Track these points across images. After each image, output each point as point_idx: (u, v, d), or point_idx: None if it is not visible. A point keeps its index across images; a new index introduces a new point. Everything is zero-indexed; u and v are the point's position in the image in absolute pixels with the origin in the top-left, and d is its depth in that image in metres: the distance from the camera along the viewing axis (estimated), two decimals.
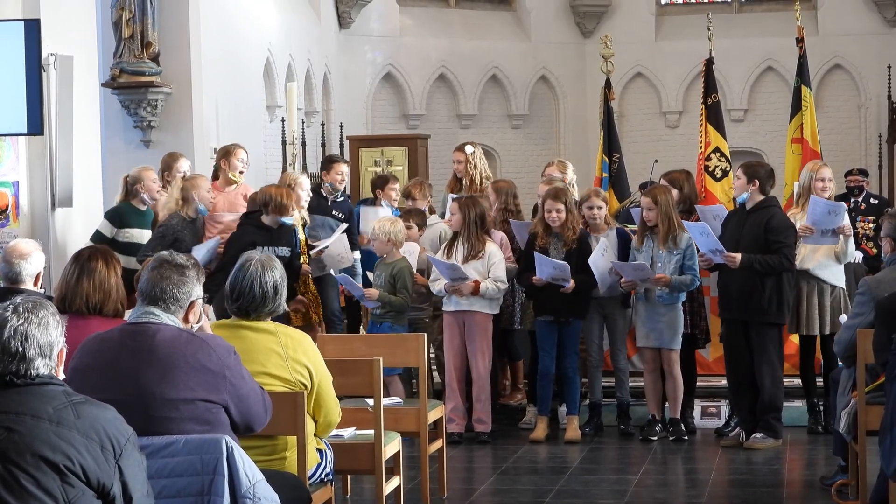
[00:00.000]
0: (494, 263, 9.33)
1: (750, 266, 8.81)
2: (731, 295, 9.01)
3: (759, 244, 8.86)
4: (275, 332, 5.34)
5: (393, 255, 9.34)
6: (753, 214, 8.97)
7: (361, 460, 6.39)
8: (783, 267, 8.86)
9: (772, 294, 8.88)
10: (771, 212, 8.98)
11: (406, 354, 7.64)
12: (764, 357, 8.93)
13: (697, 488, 7.97)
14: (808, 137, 13.11)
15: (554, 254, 9.28)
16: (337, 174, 10.70)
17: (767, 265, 8.82)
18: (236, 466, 4.30)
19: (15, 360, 3.66)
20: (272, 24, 17.16)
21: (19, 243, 6.80)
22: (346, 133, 17.89)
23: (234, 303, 5.33)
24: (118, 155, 12.36)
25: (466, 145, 11.25)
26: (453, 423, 9.37)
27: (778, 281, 8.90)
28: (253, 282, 5.29)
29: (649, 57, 21.69)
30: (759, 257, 8.81)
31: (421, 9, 21.16)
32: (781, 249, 8.83)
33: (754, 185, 8.98)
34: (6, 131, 10.41)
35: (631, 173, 14.43)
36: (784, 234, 8.89)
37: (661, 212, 9.22)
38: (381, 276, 9.32)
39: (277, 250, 9.14)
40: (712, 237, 8.90)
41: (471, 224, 9.34)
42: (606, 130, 13.48)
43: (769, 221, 8.89)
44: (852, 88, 21.24)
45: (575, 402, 9.45)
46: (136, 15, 12.45)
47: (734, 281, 8.94)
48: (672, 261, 9.21)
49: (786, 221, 9.03)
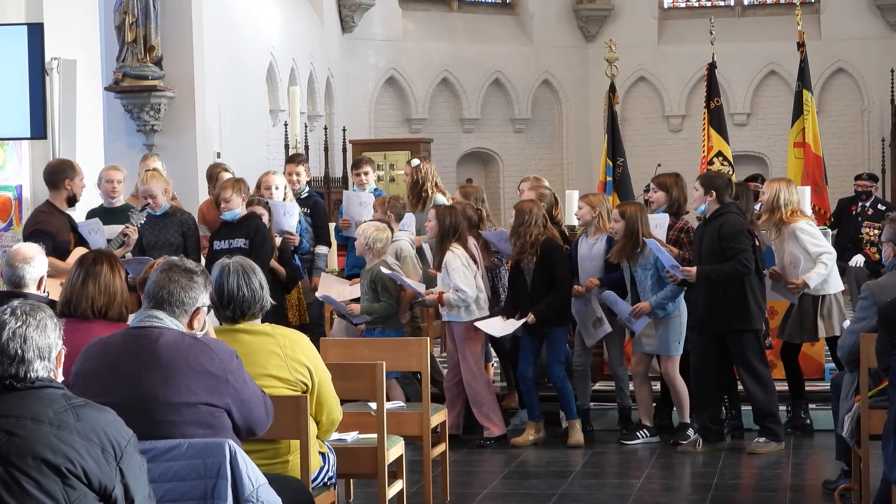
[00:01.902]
0: (452, 272, 9.29)
1: (707, 277, 8.81)
2: (699, 307, 9.02)
3: (717, 253, 8.85)
4: (272, 334, 5.34)
5: (372, 261, 9.33)
6: (710, 224, 8.97)
7: (364, 464, 6.39)
8: (738, 273, 8.81)
9: (737, 300, 8.86)
10: (723, 219, 8.92)
11: (409, 358, 7.63)
12: (745, 366, 8.92)
13: (700, 493, 7.96)
14: (810, 141, 13.13)
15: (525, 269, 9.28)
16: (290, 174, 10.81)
17: (722, 273, 8.80)
18: (239, 470, 4.30)
19: (14, 362, 3.67)
20: (275, 28, 17.18)
21: (22, 247, 6.80)
22: (348, 137, 17.91)
23: (226, 309, 5.32)
24: (121, 159, 12.36)
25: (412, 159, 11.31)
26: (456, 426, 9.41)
27: (740, 287, 8.87)
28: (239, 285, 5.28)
29: (652, 61, 21.71)
30: (714, 267, 8.80)
31: (423, 13, 21.18)
32: (736, 255, 8.80)
33: (711, 196, 8.99)
34: (9, 135, 10.43)
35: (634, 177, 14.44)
36: (736, 239, 8.83)
37: (626, 227, 9.15)
38: (363, 283, 9.34)
39: (233, 242, 9.36)
40: (664, 253, 8.92)
41: (443, 234, 9.33)
42: (610, 134, 13.48)
43: (720, 229, 8.87)
44: (855, 92, 21.26)
45: (570, 407, 9.41)
46: (139, 19, 12.47)
47: (699, 294, 8.96)
48: (647, 277, 9.18)
49: (738, 227, 8.90)
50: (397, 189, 14.74)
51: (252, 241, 9.40)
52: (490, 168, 21.78)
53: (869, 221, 13.11)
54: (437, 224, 9.35)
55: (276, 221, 9.84)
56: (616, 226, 9.23)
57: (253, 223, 9.53)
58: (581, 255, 9.55)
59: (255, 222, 9.55)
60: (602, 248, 9.46)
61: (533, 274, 9.27)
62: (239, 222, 9.52)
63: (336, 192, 16.55)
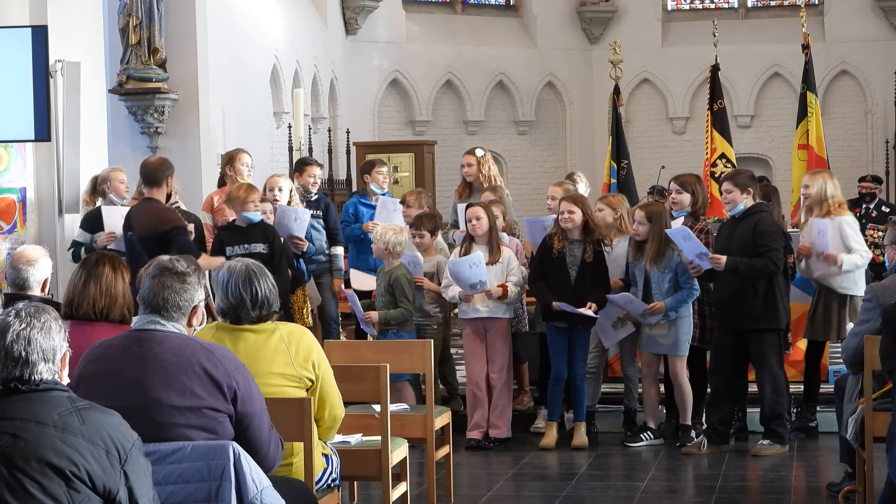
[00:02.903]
0: (513, 269, 9.35)
1: (735, 269, 8.78)
2: (724, 303, 8.99)
3: (748, 250, 8.83)
4: (275, 330, 5.34)
5: (391, 264, 9.33)
6: (742, 221, 8.94)
7: (368, 466, 6.39)
8: (768, 270, 8.82)
9: (765, 299, 8.86)
10: (758, 217, 8.94)
11: (412, 361, 7.63)
12: (764, 365, 8.91)
13: (704, 495, 7.96)
14: (814, 143, 13.11)
15: (570, 261, 9.26)
16: (309, 177, 10.77)
17: (752, 267, 8.78)
18: (243, 472, 4.30)
19: (18, 364, 3.67)
20: (279, 30, 17.19)
21: (26, 249, 6.81)
22: (352, 139, 17.93)
23: (230, 312, 5.30)
24: (125, 161, 12.36)
25: (477, 148, 11.25)
26: (477, 429, 9.40)
27: (769, 285, 8.87)
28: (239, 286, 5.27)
29: (656, 63, 21.70)
30: (744, 260, 8.78)
31: (427, 15, 21.18)
32: (768, 253, 8.81)
33: (748, 193, 8.97)
34: (13, 138, 10.43)
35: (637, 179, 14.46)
36: (771, 237, 8.85)
37: (654, 229, 9.14)
38: (380, 284, 9.34)
39: (251, 247, 9.24)
40: (695, 240, 8.86)
41: (491, 228, 9.37)
42: (615, 136, 13.50)
43: (756, 226, 8.86)
44: (859, 94, 21.24)
45: (582, 408, 9.43)
46: (143, 21, 12.48)
47: (727, 288, 8.92)
48: (665, 280, 9.17)
49: (773, 226, 8.98)
50: (401, 190, 14.75)
51: (272, 245, 9.35)
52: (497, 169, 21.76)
53: (873, 224, 13.10)
54: (487, 220, 9.36)
55: (284, 225, 9.79)
56: (641, 229, 9.20)
57: (271, 228, 9.49)
58: None
59: (272, 227, 9.53)
60: (624, 249, 9.46)
61: (581, 269, 9.21)
62: (254, 227, 9.40)
63: (339, 194, 16.57)
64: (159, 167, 9.31)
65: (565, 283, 9.23)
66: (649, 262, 9.16)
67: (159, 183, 9.21)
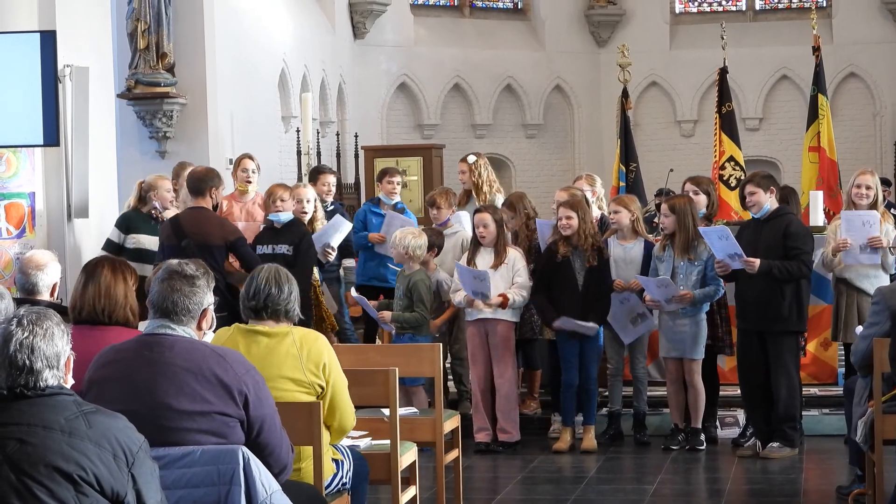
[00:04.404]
0: (518, 270, 9.34)
1: (769, 272, 8.76)
2: (748, 304, 8.97)
3: (777, 252, 8.83)
4: (288, 333, 5.36)
5: (411, 268, 9.35)
6: (770, 223, 8.93)
7: (377, 470, 6.38)
8: (801, 273, 8.85)
9: (792, 302, 8.86)
10: (788, 219, 8.96)
11: (421, 364, 7.63)
12: (780, 367, 8.90)
13: (714, 498, 7.95)
14: (826, 146, 13.10)
15: (577, 266, 9.26)
16: (323, 185, 10.73)
17: (787, 271, 8.78)
18: (253, 477, 4.30)
19: (23, 373, 3.66)
20: (287, 34, 17.20)
21: (35, 254, 6.82)
22: (360, 143, 17.92)
23: (251, 301, 5.36)
24: (134, 165, 12.40)
25: (469, 155, 11.22)
26: (483, 432, 9.41)
27: (797, 288, 8.88)
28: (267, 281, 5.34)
29: (664, 66, 21.68)
30: (779, 263, 8.78)
31: (435, 18, 21.19)
32: (800, 256, 8.82)
33: (772, 193, 8.97)
34: (22, 142, 10.44)
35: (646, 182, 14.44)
36: (802, 240, 8.87)
37: (679, 220, 9.18)
38: (399, 287, 9.36)
39: (277, 248, 9.32)
40: (731, 240, 8.82)
41: (499, 233, 9.37)
42: (623, 139, 13.49)
43: (787, 228, 8.86)
44: (867, 97, 21.21)
45: (592, 412, 9.44)
46: (152, 26, 12.51)
47: (752, 290, 8.90)
48: (693, 272, 9.17)
49: (804, 228, 9.04)
50: (410, 195, 14.75)
51: (297, 247, 9.36)
52: (502, 174, 21.73)
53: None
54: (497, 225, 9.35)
55: (324, 232, 9.81)
56: (666, 221, 9.24)
57: (298, 230, 9.50)
58: (615, 257, 9.52)
59: (300, 229, 9.53)
60: (639, 251, 9.49)
61: (588, 274, 9.25)
62: (284, 228, 9.47)
63: (348, 199, 16.55)
64: (203, 177, 9.42)
65: (573, 288, 9.24)
66: (679, 253, 9.17)
67: (203, 193, 9.31)
